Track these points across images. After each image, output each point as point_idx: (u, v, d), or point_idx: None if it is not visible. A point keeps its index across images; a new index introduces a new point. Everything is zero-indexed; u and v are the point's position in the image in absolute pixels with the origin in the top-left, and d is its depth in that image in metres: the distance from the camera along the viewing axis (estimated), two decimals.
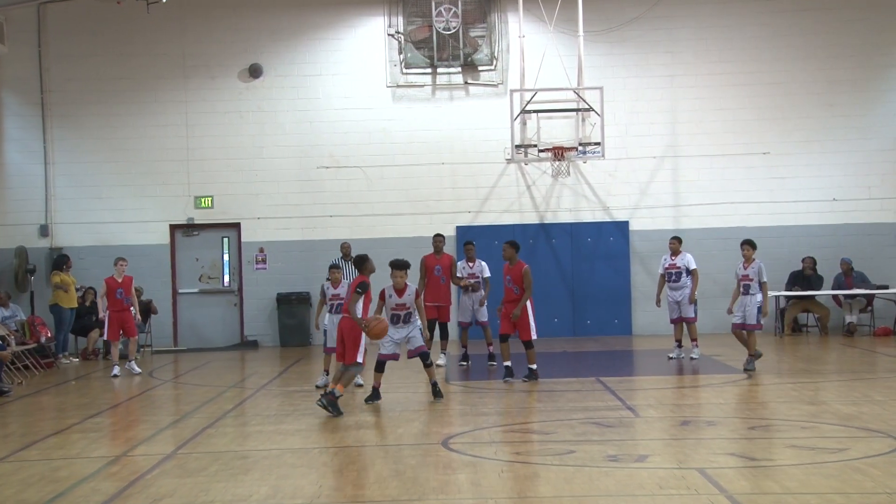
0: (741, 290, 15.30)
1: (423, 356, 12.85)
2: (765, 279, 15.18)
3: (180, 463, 9.55)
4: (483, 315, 16.45)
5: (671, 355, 16.78)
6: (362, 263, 12.59)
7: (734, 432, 10.44)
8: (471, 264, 16.44)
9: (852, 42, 22.06)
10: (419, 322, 12.94)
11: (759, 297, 15.09)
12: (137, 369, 16.98)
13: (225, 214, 22.27)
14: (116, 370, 16.70)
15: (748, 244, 15.43)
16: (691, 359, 16.59)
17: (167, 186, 22.16)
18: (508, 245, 14.67)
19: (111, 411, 13.28)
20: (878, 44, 22.09)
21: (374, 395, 12.80)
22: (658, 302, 17.04)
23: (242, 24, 22.34)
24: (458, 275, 16.41)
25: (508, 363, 14.40)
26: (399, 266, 12.85)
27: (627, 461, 9.05)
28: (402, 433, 10.88)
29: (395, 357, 12.89)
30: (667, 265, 16.91)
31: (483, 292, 16.35)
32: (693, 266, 16.79)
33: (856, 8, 22.10)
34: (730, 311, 15.46)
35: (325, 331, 14.40)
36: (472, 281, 16.32)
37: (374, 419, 11.78)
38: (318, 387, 14.19)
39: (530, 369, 14.34)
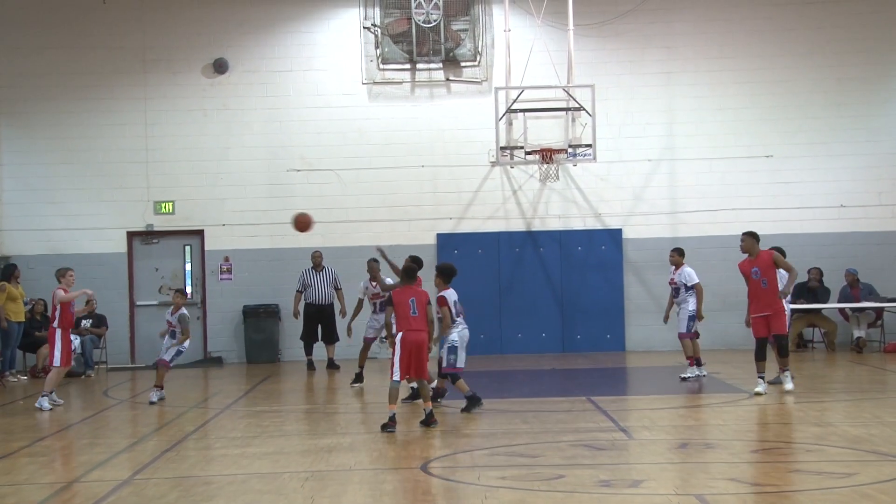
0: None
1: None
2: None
3: (138, 490, 9.50)
4: None
5: (686, 375, 16.70)
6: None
7: (735, 456, 10.47)
8: (373, 283, 17.09)
9: (863, 37, 22.20)
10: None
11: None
12: (48, 406, 15.05)
13: (187, 221, 22.21)
14: (46, 402, 15.07)
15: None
16: (687, 377, 16.48)
17: (125, 190, 22.09)
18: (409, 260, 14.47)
19: (62, 434, 13.20)
20: (891, 39, 22.24)
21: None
22: (666, 318, 17.24)
23: (207, 15, 22.31)
24: (360, 296, 17.32)
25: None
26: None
27: (621, 486, 9.06)
28: (379, 456, 10.86)
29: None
30: (669, 279, 17.05)
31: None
32: (692, 280, 16.68)
33: (867, 1, 22.23)
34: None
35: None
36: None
37: (349, 441, 11.76)
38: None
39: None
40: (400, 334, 12.30)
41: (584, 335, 21.94)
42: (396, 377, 12.28)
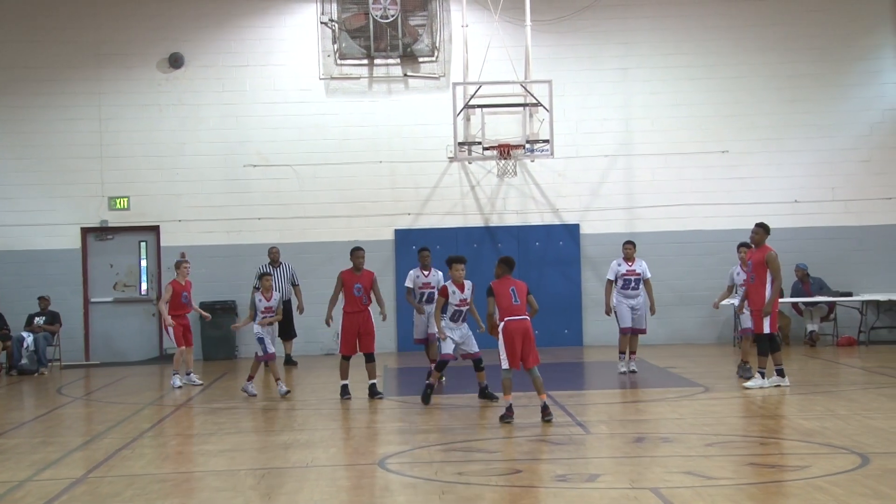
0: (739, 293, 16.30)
1: (478, 362, 13.98)
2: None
3: (92, 488, 9.43)
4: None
5: (623, 369, 16.92)
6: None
7: (690, 449, 10.54)
8: (426, 273, 16.07)
9: (815, 35, 22.40)
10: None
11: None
12: (198, 381, 17.05)
13: (142, 217, 22.06)
14: (177, 381, 16.70)
15: (747, 246, 16.17)
16: (632, 371, 16.77)
17: (78, 186, 21.89)
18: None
19: (15, 432, 13.08)
20: (844, 36, 22.45)
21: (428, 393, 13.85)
22: (609, 311, 17.21)
23: (162, 9, 22.15)
24: (409, 284, 16.16)
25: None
26: (459, 260, 13.76)
27: (577, 481, 9.10)
28: (336, 452, 10.84)
29: (454, 357, 13.89)
30: (624, 272, 16.98)
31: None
32: (648, 275, 16.99)
33: None
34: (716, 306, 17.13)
35: (260, 339, 15.29)
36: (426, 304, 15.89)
37: (306, 437, 11.73)
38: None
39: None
40: (502, 323, 12.45)
41: (542, 330, 21.88)
42: (505, 366, 12.43)
